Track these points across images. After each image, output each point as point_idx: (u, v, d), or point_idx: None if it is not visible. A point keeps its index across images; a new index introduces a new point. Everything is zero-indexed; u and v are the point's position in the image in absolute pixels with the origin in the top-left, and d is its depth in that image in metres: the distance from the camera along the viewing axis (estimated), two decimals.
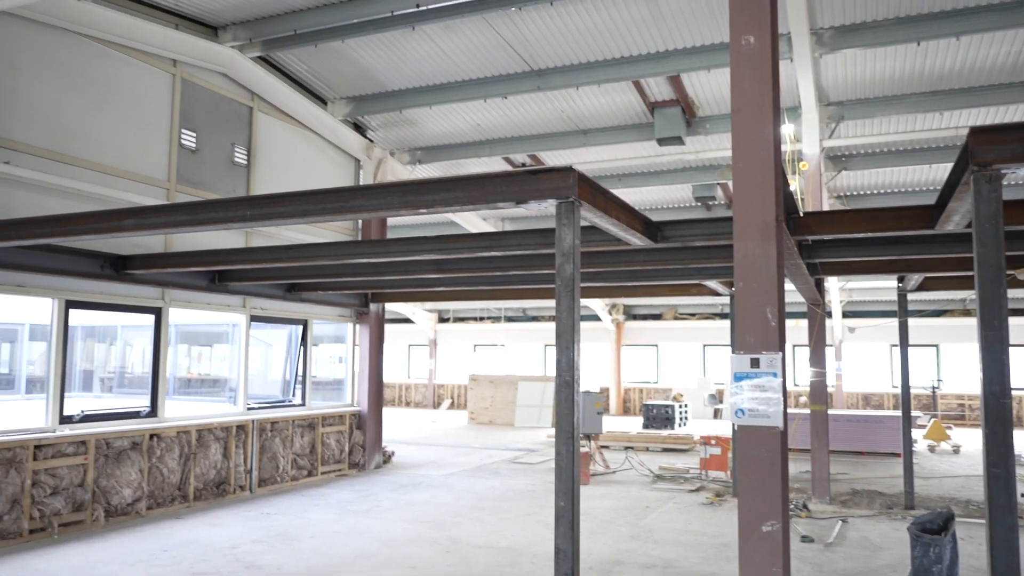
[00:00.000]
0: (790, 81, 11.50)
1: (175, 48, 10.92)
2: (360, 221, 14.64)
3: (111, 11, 9.98)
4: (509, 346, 31.14)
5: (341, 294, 13.89)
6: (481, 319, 31.67)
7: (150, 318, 10.80)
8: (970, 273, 10.18)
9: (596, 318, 28.68)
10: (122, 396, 13.00)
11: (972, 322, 23.65)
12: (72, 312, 9.68)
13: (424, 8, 10.42)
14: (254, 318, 12.48)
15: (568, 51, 11.87)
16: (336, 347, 15.39)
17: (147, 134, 10.72)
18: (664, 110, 13.24)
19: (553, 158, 15.64)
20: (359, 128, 14.83)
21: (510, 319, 30.90)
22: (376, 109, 13.94)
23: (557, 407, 4.98)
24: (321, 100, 13.90)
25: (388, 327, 21.32)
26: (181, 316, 11.70)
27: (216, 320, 12.93)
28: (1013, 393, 4.39)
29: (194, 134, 11.44)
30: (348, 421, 14.12)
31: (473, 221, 18.41)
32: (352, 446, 14.15)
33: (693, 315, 28.60)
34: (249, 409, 12.18)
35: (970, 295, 22.83)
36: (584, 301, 25.37)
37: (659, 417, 22.28)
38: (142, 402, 10.64)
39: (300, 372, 13.60)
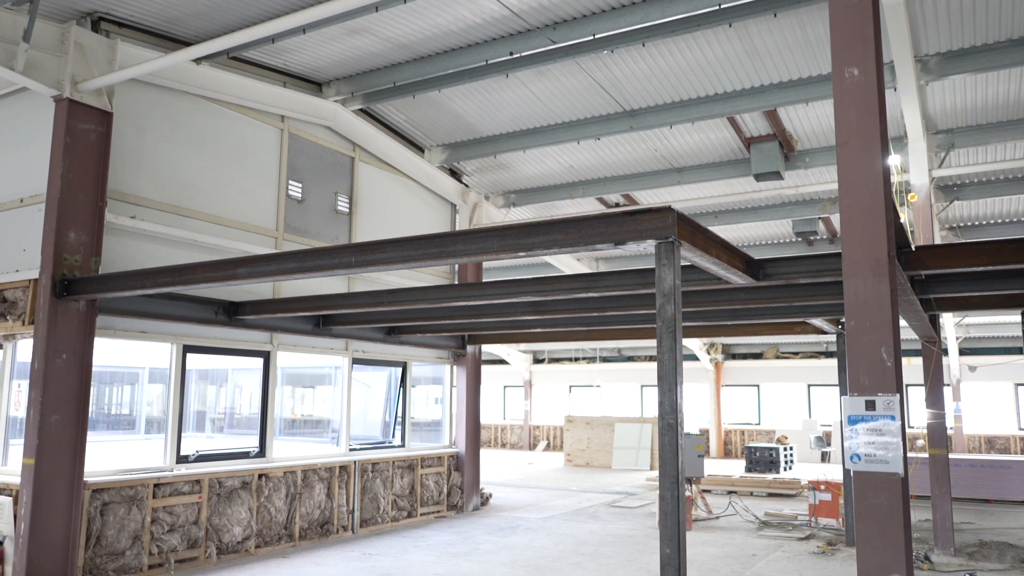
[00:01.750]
0: (895, 111, 11.13)
1: (283, 105, 11.53)
2: (457, 265, 14.92)
3: (226, 73, 10.65)
4: (605, 387, 30.80)
5: (439, 336, 14.12)
6: (576, 359, 31.52)
7: (259, 361, 11.26)
8: None
9: (694, 358, 28.08)
10: (232, 436, 13.52)
11: None
12: (188, 356, 10.20)
13: (517, 56, 10.65)
14: (356, 360, 12.82)
15: (660, 90, 11.86)
16: (434, 388, 15.60)
17: (257, 186, 11.31)
18: (761, 145, 13.00)
19: (647, 197, 15.56)
20: (455, 173, 15.20)
21: (605, 359, 30.62)
22: (471, 155, 14.27)
23: (660, 450, 4.88)
24: (418, 148, 14.34)
25: (484, 368, 21.49)
26: (287, 359, 12.14)
27: (320, 363, 13.35)
28: None
29: (300, 184, 11.98)
30: (446, 462, 14.23)
31: (567, 262, 18.46)
32: (450, 487, 14.23)
33: (796, 354, 27.61)
34: (351, 450, 12.46)
35: None
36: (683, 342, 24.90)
37: (763, 460, 21.48)
38: (251, 442, 11.04)
39: (399, 413, 13.85)
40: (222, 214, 10.73)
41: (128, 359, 13.06)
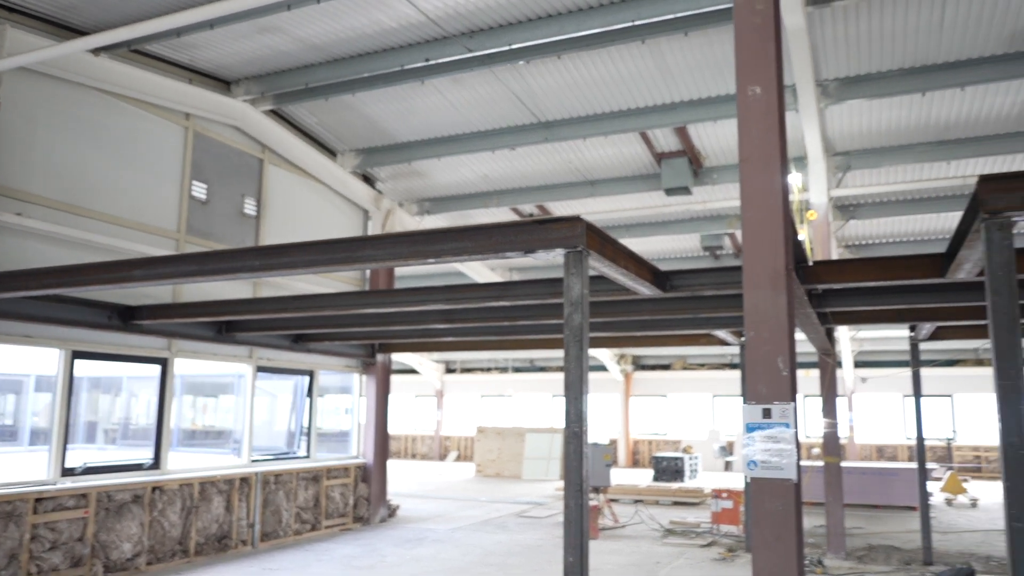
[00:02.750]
0: (797, 132, 11.58)
1: (188, 102, 11.11)
2: (368, 271, 14.69)
3: (127, 66, 10.18)
4: (516, 397, 30.91)
5: (348, 344, 13.85)
6: (488, 370, 31.52)
7: (156, 368, 10.76)
8: (983, 322, 10.07)
9: (604, 368, 28.50)
10: (125, 448, 12.88)
11: (986, 372, 23.36)
12: (78, 363, 9.66)
13: (433, 62, 10.59)
14: (260, 368, 12.43)
15: (575, 103, 12.01)
16: (342, 398, 15.29)
17: (158, 186, 10.83)
18: (671, 160, 13.33)
19: (561, 208, 15.72)
20: (368, 179, 14.98)
21: (517, 369, 30.74)
22: (385, 161, 14.10)
23: (566, 459, 4.88)
24: (331, 152, 14.07)
25: (394, 378, 21.19)
26: (187, 367, 11.65)
27: (222, 371, 12.87)
28: None
29: (205, 185, 11.55)
30: (353, 473, 13.94)
31: (480, 271, 18.45)
32: (357, 499, 13.94)
33: (702, 365, 28.39)
34: (253, 461, 12.05)
35: (983, 344, 22.61)
36: (592, 351, 25.23)
37: (669, 469, 21.94)
38: (145, 454, 10.53)
39: (305, 423, 13.49)
40: (120, 214, 10.23)
41: (12, 366, 12.27)
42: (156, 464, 10.46)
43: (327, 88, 11.60)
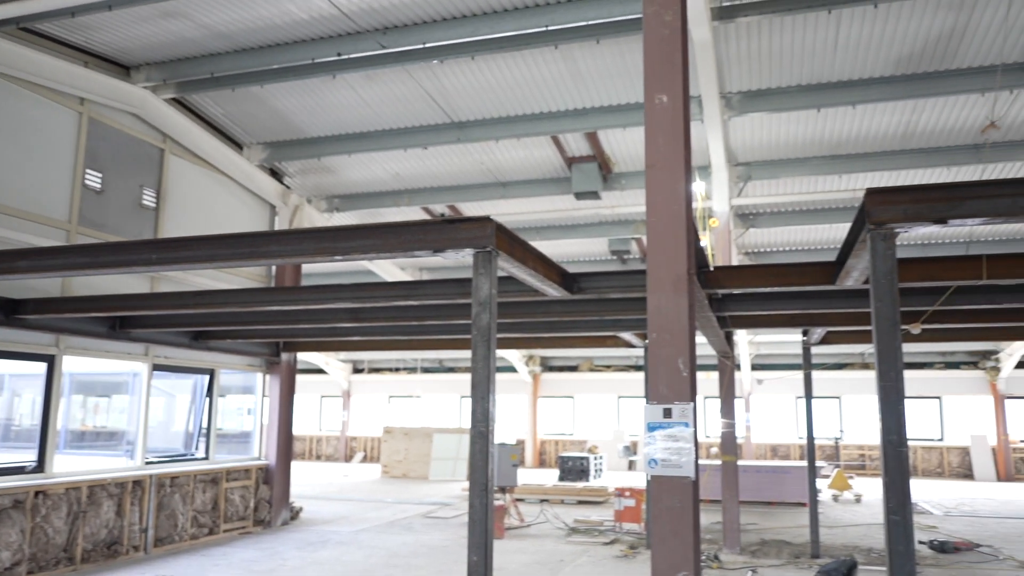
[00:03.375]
0: (701, 142, 11.98)
1: (83, 86, 10.56)
2: (274, 268, 14.32)
3: (15, 45, 9.60)
4: (425, 398, 30.74)
5: (251, 343, 13.47)
6: (397, 370, 31.23)
7: (42, 366, 10.18)
8: (869, 328, 10.67)
9: (513, 370, 28.68)
10: (6, 450, 12.14)
11: (872, 375, 24.73)
12: None
13: (345, 57, 10.43)
14: (157, 367, 11.94)
15: (488, 105, 12.06)
16: (244, 398, 14.84)
17: (48, 173, 10.26)
18: (581, 165, 13.55)
19: (472, 209, 15.74)
20: (276, 174, 14.60)
21: (426, 370, 30.57)
22: (294, 155, 13.79)
23: (471, 458, 4.89)
24: (237, 144, 13.66)
25: (300, 378, 20.74)
26: (77, 364, 11.07)
27: (116, 369, 12.29)
28: (909, 443, 4.57)
29: (100, 174, 11.01)
30: (255, 475, 13.56)
31: (390, 270, 18.27)
32: (258, 502, 13.56)
33: (608, 367, 28.95)
34: (147, 463, 11.56)
35: (869, 349, 23.93)
36: (501, 352, 25.35)
37: (575, 469, 22.27)
38: (28, 456, 9.94)
39: (204, 424, 13.03)
40: (4, 201, 9.64)
41: None
42: (40, 467, 9.89)
43: (234, 78, 11.26)
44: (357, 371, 31.87)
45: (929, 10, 9.30)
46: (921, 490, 20.41)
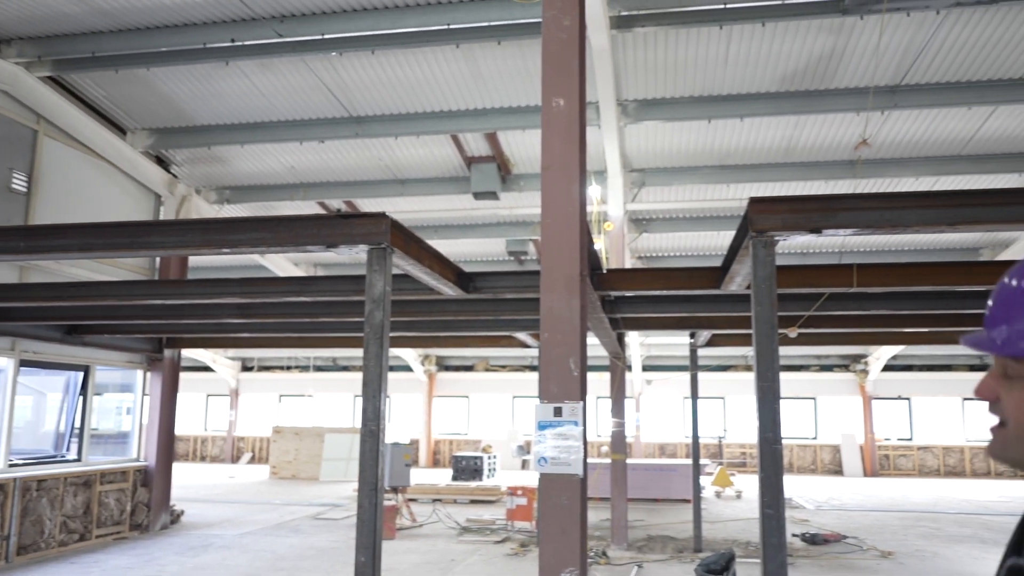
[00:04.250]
0: (598, 147, 12.22)
1: None
2: (158, 261, 13.66)
3: None
4: (317, 397, 30.06)
5: (131, 338, 12.81)
6: (288, 368, 30.42)
7: None
8: (751, 331, 11.18)
9: (409, 369, 28.45)
10: None
11: (752, 376, 25.90)
12: None
13: (240, 44, 10.08)
14: (24, 363, 11.17)
15: (388, 100, 11.92)
16: (123, 396, 14.10)
17: None
18: (480, 165, 13.58)
19: (370, 205, 15.52)
20: (162, 162, 13.94)
21: (319, 368, 29.91)
22: (182, 143, 13.21)
23: (361, 457, 4.83)
24: (120, 129, 12.96)
25: (184, 375, 19.86)
26: None
27: None
28: (785, 441, 4.81)
29: None
30: (132, 478, 12.90)
31: (283, 266, 17.78)
32: (135, 505, 12.91)
33: (504, 367, 29.15)
34: (11, 466, 10.81)
35: (750, 351, 25.06)
36: (397, 351, 25.10)
37: (468, 469, 22.30)
38: None
39: (77, 424, 12.29)
40: None
41: None
42: None
43: (117, 59, 10.68)
44: (246, 369, 30.83)
45: (812, 32, 9.83)
46: (795, 485, 21.52)
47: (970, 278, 6.96)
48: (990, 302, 1.19)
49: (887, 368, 25.51)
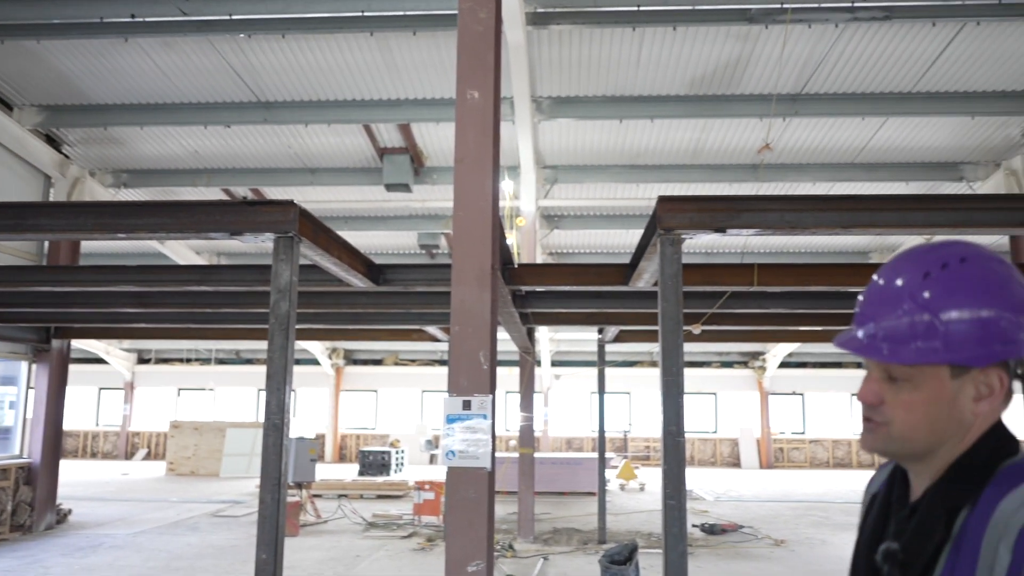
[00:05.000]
0: (511, 142, 12.25)
1: None
2: (47, 246, 12.90)
3: None
4: (219, 391, 29.08)
5: (14, 327, 12.05)
6: (188, 361, 29.29)
7: None
8: (656, 327, 11.47)
9: (316, 362, 27.88)
10: None
11: (658, 373, 26.59)
12: None
13: (140, 20, 9.62)
14: None
15: (299, 87, 11.61)
16: (5, 389, 13.26)
17: None
18: (393, 157, 13.41)
19: (277, 194, 15.08)
20: (53, 141, 13.16)
21: (221, 361, 28.93)
22: (76, 122, 12.50)
23: (264, 452, 4.69)
24: (6, 105, 12.16)
25: (75, 367, 18.86)
26: None
27: None
28: (687, 435, 4.95)
29: None
30: (14, 475, 12.15)
31: (184, 254, 17.09)
32: (17, 505, 12.17)
33: (414, 361, 28.94)
34: None
35: (656, 347, 25.70)
36: (304, 344, 24.56)
37: (375, 464, 22.04)
38: None
39: None
40: None
41: None
42: None
43: (4, 29, 10.01)
44: (143, 361, 29.53)
45: (720, 38, 10.13)
46: (696, 478, 22.23)
47: (859, 279, 7.34)
48: (860, 298, 1.27)
49: (783, 365, 26.64)
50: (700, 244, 17.42)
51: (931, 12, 9.33)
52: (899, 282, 1.22)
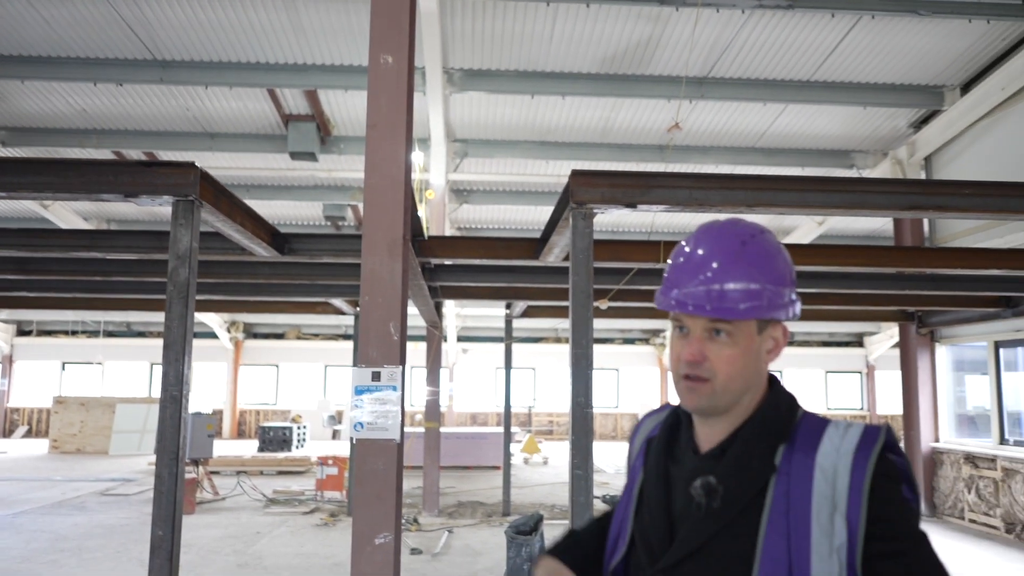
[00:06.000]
0: (422, 114, 12.07)
1: None
2: None
3: None
4: (108, 365, 27.71)
5: None
6: (74, 333, 27.73)
7: None
8: (564, 303, 11.60)
9: (213, 336, 26.91)
10: None
11: (563, 348, 27.01)
12: None
13: None
14: None
15: (198, 45, 11.05)
16: None
17: None
18: (299, 124, 13.00)
19: (174, 159, 14.38)
20: None
21: (111, 334, 27.53)
22: None
23: (160, 425, 4.49)
24: None
25: None
26: None
27: None
28: (593, 410, 5.02)
29: None
30: None
31: (71, 220, 16.12)
32: None
33: (317, 335, 28.35)
34: None
35: (561, 323, 26.08)
36: (201, 317, 23.69)
37: (276, 439, 21.56)
38: None
39: None
40: None
41: None
42: None
43: None
44: (23, 333, 27.78)
45: (632, 18, 10.23)
46: (598, 452, 22.76)
47: None
48: (670, 263, 1.44)
49: None
50: (606, 223, 17.71)
51: (831, 3, 9.69)
52: (708, 252, 1.40)
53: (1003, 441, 11.33)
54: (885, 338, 22.63)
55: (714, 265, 1.38)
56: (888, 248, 8.31)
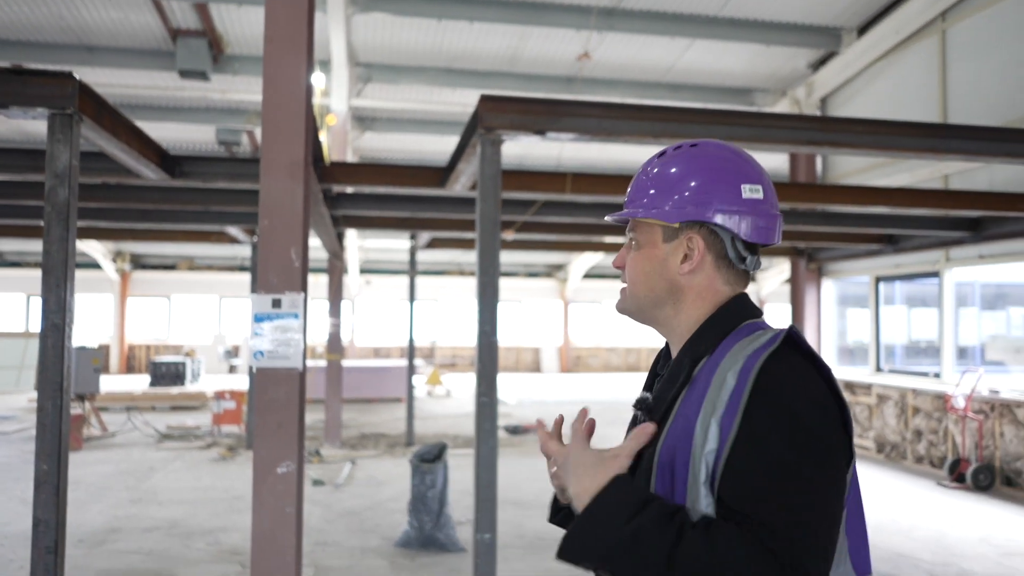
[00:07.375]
0: (323, 35, 11.51)
1: None
2: None
3: None
4: None
5: None
6: None
7: None
8: (468, 236, 11.52)
9: (97, 266, 25.50)
10: None
11: (466, 282, 27.03)
12: None
13: None
14: None
15: None
16: None
17: None
18: (188, 40, 12.17)
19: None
20: None
21: None
22: None
23: (41, 355, 4.20)
24: None
25: None
26: None
27: None
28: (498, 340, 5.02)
29: None
30: None
31: None
32: None
33: (211, 267, 27.29)
34: None
35: (466, 257, 26.02)
36: (83, 247, 22.36)
37: (168, 374, 20.84)
38: None
39: None
40: None
41: None
42: None
43: None
44: None
45: None
46: (501, 383, 23.08)
47: None
48: (629, 189, 1.47)
49: (585, 276, 27.95)
50: (513, 155, 17.58)
51: None
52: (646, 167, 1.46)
53: (879, 370, 12.15)
54: (776, 273, 23.65)
55: (634, 183, 1.47)
56: (784, 184, 8.59)
